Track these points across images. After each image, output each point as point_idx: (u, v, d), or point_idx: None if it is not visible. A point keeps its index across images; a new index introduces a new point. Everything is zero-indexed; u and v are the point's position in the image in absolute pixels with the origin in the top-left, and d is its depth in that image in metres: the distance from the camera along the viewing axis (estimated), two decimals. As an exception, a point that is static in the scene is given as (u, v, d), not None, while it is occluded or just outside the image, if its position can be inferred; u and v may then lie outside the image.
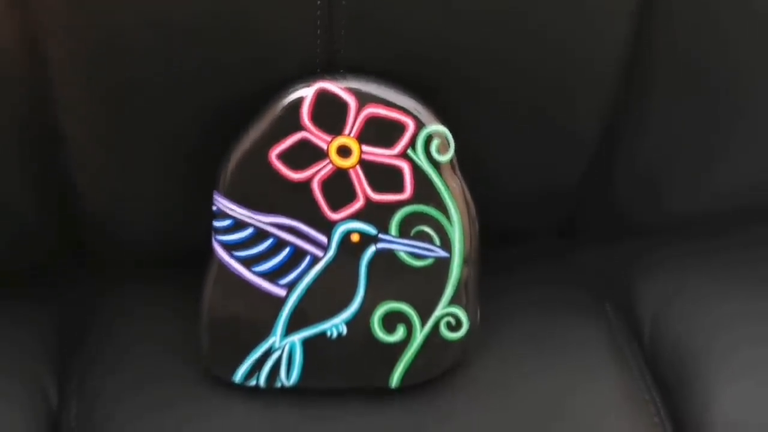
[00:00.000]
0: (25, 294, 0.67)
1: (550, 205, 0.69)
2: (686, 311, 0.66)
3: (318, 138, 0.57)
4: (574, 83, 0.60)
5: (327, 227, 0.58)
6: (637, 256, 0.70)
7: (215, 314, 0.60)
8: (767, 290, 0.67)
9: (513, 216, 0.68)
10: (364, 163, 0.57)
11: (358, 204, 0.58)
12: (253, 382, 0.61)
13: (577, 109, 0.62)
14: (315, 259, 0.59)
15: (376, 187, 0.58)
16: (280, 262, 0.59)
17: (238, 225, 0.58)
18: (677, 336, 0.65)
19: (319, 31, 0.56)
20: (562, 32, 0.58)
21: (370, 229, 0.58)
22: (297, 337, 0.60)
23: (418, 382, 0.62)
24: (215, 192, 0.58)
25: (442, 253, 0.59)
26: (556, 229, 0.72)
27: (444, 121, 0.57)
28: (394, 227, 0.58)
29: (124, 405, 0.62)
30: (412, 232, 0.59)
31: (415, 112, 0.57)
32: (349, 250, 0.59)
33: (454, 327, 0.61)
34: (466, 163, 0.58)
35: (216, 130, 0.58)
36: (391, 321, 0.60)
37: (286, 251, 0.59)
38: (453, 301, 0.60)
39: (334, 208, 0.58)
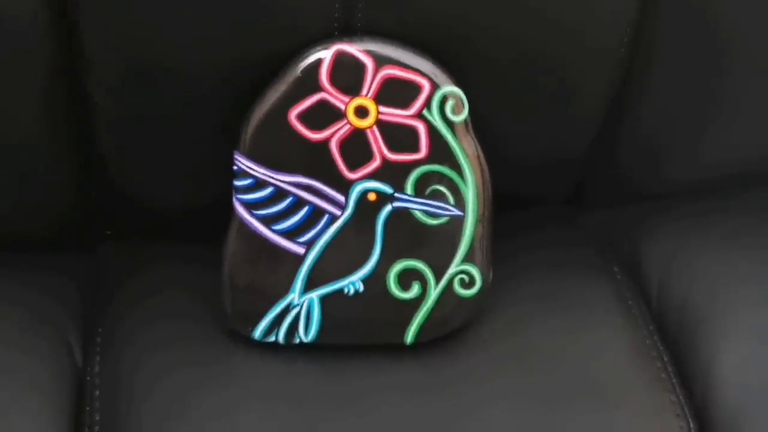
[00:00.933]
0: (52, 257, 0.69)
1: (557, 172, 0.70)
2: (692, 272, 0.68)
3: (336, 99, 0.58)
4: (581, 55, 0.62)
5: (344, 186, 0.60)
6: (642, 219, 0.72)
7: (236, 272, 0.62)
8: (764, 250, 0.68)
9: (521, 183, 0.70)
10: (380, 124, 0.59)
11: (375, 163, 0.60)
12: (272, 339, 0.63)
13: (584, 81, 0.64)
14: (333, 218, 0.61)
15: (393, 147, 0.59)
16: (299, 220, 0.61)
17: (259, 184, 0.60)
18: (683, 296, 0.67)
19: (337, -6, 0.58)
20: (570, 6, 0.59)
21: (387, 189, 0.60)
22: (315, 294, 0.62)
23: (432, 339, 0.63)
24: (236, 152, 0.60)
25: (457, 212, 0.61)
26: (564, 196, 0.73)
27: (456, 85, 0.59)
28: (409, 186, 0.60)
29: (145, 361, 0.64)
30: (427, 191, 0.60)
31: (431, 74, 0.58)
32: (366, 209, 0.60)
33: (468, 284, 0.62)
34: (475, 130, 0.60)
35: (237, 92, 0.60)
36: (406, 278, 0.62)
37: (304, 210, 0.61)
38: (466, 258, 0.62)
39: (352, 167, 0.60)
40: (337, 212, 0.61)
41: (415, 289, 0.62)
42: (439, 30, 0.59)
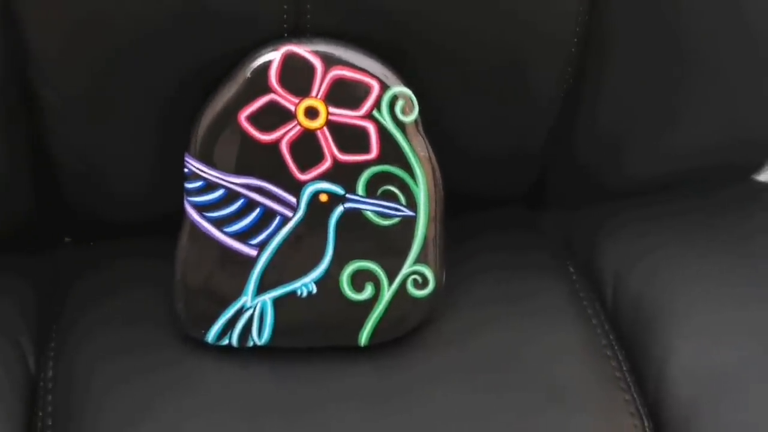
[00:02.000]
0: (4, 260, 0.68)
1: (514, 170, 0.70)
2: (647, 271, 0.68)
3: (286, 100, 0.58)
4: (533, 48, 0.62)
5: (296, 188, 0.60)
6: (600, 219, 0.72)
7: (188, 275, 0.62)
8: (724, 252, 0.69)
9: (478, 182, 0.70)
10: (331, 125, 0.59)
11: (326, 164, 0.60)
12: (225, 342, 0.63)
13: (537, 74, 0.64)
14: (285, 220, 0.61)
15: (343, 148, 0.59)
16: (250, 222, 0.61)
17: (209, 186, 0.60)
18: (638, 294, 0.67)
19: (286, -3, 0.58)
20: (517, 8, 0.60)
21: (338, 189, 0.60)
22: (268, 297, 0.62)
23: (386, 340, 0.63)
24: (186, 154, 0.60)
25: (408, 213, 0.61)
26: (523, 195, 0.73)
27: (408, 84, 0.59)
28: (361, 187, 0.60)
29: (98, 367, 0.63)
30: (379, 191, 0.60)
31: (380, 75, 0.58)
32: (318, 210, 0.60)
33: (421, 285, 0.62)
34: (429, 127, 0.60)
35: (187, 94, 0.60)
36: (359, 279, 0.62)
37: (256, 212, 0.60)
38: (419, 259, 0.62)
39: (303, 168, 0.60)
40: (289, 214, 0.60)
41: (368, 291, 0.62)
42: (388, 30, 0.59)
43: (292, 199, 0.60)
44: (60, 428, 0.62)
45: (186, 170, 0.60)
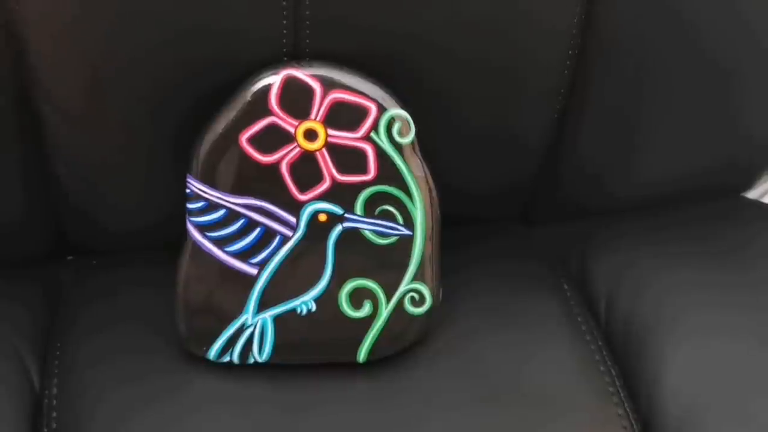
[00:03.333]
0: (7, 277, 0.70)
1: (505, 195, 0.72)
2: (638, 286, 0.69)
3: (286, 122, 0.60)
4: (527, 72, 0.64)
5: (295, 208, 0.61)
6: (589, 235, 0.73)
7: (190, 293, 0.63)
8: (714, 265, 0.70)
9: (469, 206, 0.71)
10: (329, 146, 0.60)
11: (325, 185, 0.61)
12: (226, 359, 0.64)
13: (526, 101, 0.66)
14: (284, 239, 0.62)
15: (342, 169, 0.61)
16: (251, 242, 0.62)
17: (211, 207, 0.61)
18: (630, 309, 0.68)
19: (285, 21, 0.59)
20: (510, 28, 0.61)
21: (337, 209, 0.61)
22: (268, 315, 0.63)
23: (384, 357, 0.65)
24: (188, 175, 0.61)
25: (406, 231, 0.62)
26: (512, 215, 0.75)
27: (404, 107, 0.60)
28: (359, 207, 0.61)
29: (100, 383, 0.64)
30: (377, 211, 0.62)
31: (378, 97, 0.60)
32: (317, 230, 0.62)
33: (418, 302, 0.64)
34: (423, 153, 0.62)
35: (189, 116, 0.61)
36: (357, 297, 0.63)
37: (256, 231, 0.62)
38: (416, 277, 0.63)
39: (302, 189, 0.61)
40: (289, 233, 0.62)
41: (366, 308, 0.63)
42: (384, 54, 0.60)
43: (292, 219, 0.61)
44: (64, 446, 0.63)
45: (188, 191, 0.61)
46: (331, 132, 0.60)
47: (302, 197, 0.61)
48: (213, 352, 0.64)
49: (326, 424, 0.63)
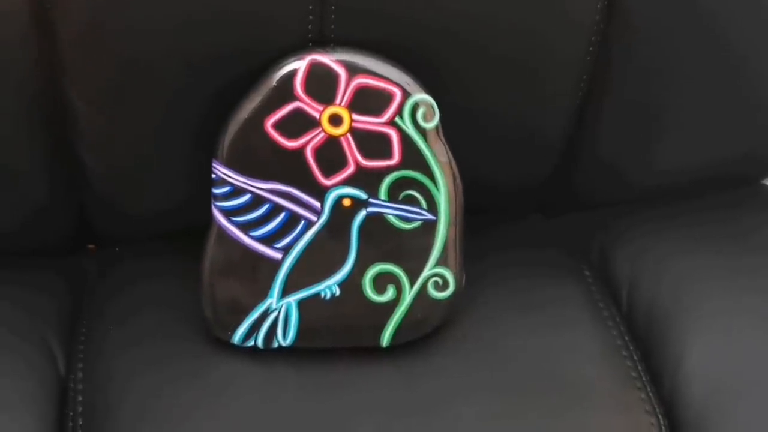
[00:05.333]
0: (31, 266, 0.70)
1: (524, 186, 0.73)
2: (660, 272, 0.70)
3: (311, 107, 0.60)
4: (548, 61, 0.64)
5: (320, 193, 0.62)
6: (610, 223, 0.73)
7: (215, 278, 0.64)
8: (728, 247, 0.71)
9: (489, 197, 0.72)
10: (354, 131, 0.60)
11: (349, 170, 0.61)
12: (251, 343, 0.65)
13: (553, 83, 0.66)
14: (309, 224, 0.62)
15: (366, 154, 0.61)
16: (276, 226, 0.62)
17: (236, 191, 0.62)
18: (652, 295, 0.69)
19: (311, 7, 0.59)
20: (532, 18, 0.62)
21: (361, 194, 0.62)
22: (293, 299, 0.64)
23: (407, 341, 0.65)
24: (214, 160, 0.61)
25: (429, 216, 0.63)
26: (531, 207, 0.75)
27: (429, 92, 0.61)
28: (383, 192, 0.62)
29: (126, 368, 0.65)
30: (401, 196, 0.62)
31: (402, 82, 0.60)
32: (341, 215, 0.62)
33: (441, 287, 0.64)
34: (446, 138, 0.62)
35: (215, 102, 0.61)
36: (381, 282, 0.63)
37: (281, 216, 0.62)
38: (440, 262, 0.63)
39: (327, 174, 0.61)
40: (313, 218, 0.62)
41: (390, 293, 0.64)
42: (407, 43, 0.61)
43: (317, 204, 0.62)
44: (91, 428, 0.63)
45: (214, 176, 0.62)
46: (355, 117, 0.60)
47: (327, 182, 0.61)
48: (237, 337, 0.65)
49: (349, 407, 0.63)
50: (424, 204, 0.62)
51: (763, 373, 0.64)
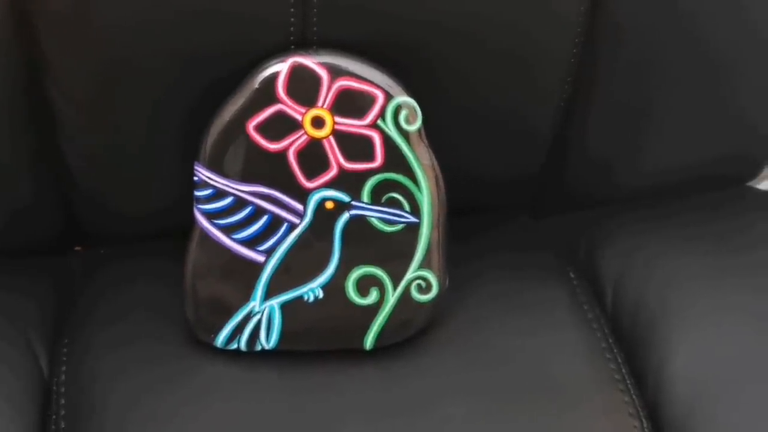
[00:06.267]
0: (16, 267, 0.70)
1: (513, 184, 0.73)
2: (644, 274, 0.70)
3: (293, 110, 0.60)
4: (533, 61, 0.64)
5: (303, 195, 0.61)
6: (596, 224, 0.74)
7: (198, 281, 0.63)
8: (720, 253, 0.71)
9: (478, 195, 0.72)
10: (336, 134, 0.60)
11: (332, 173, 0.61)
12: (234, 346, 0.65)
13: (534, 89, 0.66)
14: (292, 226, 0.62)
15: (349, 156, 0.61)
16: (258, 229, 0.62)
17: (219, 194, 0.62)
18: (636, 297, 0.69)
19: (293, 9, 0.59)
20: (518, 14, 0.62)
21: (344, 197, 0.62)
22: (276, 302, 0.64)
23: (391, 343, 0.65)
24: (196, 163, 0.61)
25: (412, 219, 0.62)
26: (520, 206, 0.75)
27: (411, 94, 0.61)
28: (366, 194, 0.62)
29: (109, 370, 0.65)
30: (383, 198, 0.62)
31: (384, 85, 0.60)
32: (324, 217, 0.62)
33: (425, 289, 0.64)
34: (430, 141, 0.62)
35: (197, 104, 0.61)
36: (364, 284, 0.63)
37: (264, 219, 0.62)
38: (423, 264, 0.63)
39: (309, 176, 0.61)
40: (296, 221, 0.62)
41: (373, 295, 0.64)
42: (392, 41, 0.61)
43: (299, 207, 0.62)
44: (74, 430, 0.63)
45: (196, 178, 0.61)
46: (338, 119, 0.60)
47: (309, 185, 0.61)
48: (220, 340, 0.64)
49: (333, 410, 0.63)
50: (407, 206, 0.62)
51: (747, 374, 0.64)
